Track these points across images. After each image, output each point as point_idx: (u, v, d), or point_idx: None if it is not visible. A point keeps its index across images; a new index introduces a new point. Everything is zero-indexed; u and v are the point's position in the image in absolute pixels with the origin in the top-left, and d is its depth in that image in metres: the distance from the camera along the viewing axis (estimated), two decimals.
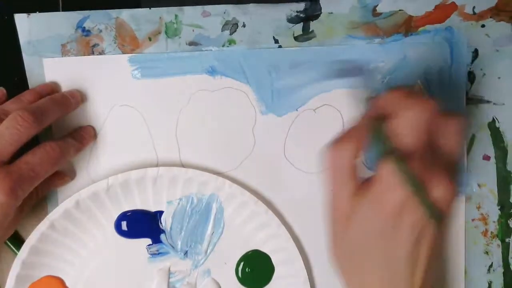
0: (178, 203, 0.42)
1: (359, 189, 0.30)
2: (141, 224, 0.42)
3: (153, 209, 0.42)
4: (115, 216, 0.42)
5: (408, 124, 0.29)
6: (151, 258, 0.42)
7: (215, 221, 0.42)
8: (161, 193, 0.42)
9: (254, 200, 0.40)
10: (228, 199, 0.41)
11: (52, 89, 0.40)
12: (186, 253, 0.42)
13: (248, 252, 0.42)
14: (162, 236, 0.42)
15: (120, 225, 0.42)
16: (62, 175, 0.41)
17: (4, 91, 0.39)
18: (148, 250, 0.42)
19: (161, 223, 0.42)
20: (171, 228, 0.42)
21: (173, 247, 0.42)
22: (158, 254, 0.42)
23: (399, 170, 0.28)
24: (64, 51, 0.41)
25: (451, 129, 0.31)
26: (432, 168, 0.28)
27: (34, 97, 0.39)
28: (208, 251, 0.42)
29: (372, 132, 0.30)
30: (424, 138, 0.29)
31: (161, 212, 0.42)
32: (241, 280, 0.42)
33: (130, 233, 0.42)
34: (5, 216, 0.35)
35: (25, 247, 0.39)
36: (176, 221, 0.42)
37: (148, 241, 0.42)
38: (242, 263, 0.42)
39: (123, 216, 0.42)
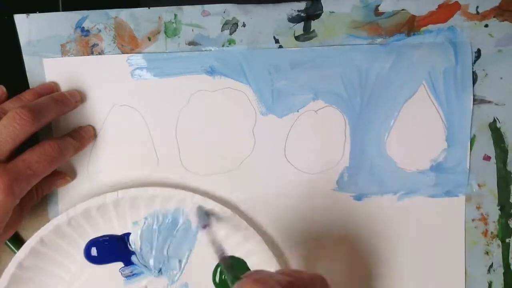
0: (144, 223, 0.41)
1: None
2: (110, 249, 0.42)
3: (119, 232, 0.42)
4: (83, 245, 0.41)
5: None
6: (126, 280, 0.42)
7: (184, 234, 0.42)
8: (125, 215, 0.41)
9: (219, 207, 0.40)
10: (193, 210, 0.41)
11: (52, 89, 0.40)
12: (160, 270, 0.42)
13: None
14: (133, 258, 0.42)
15: (90, 253, 0.41)
16: (62, 175, 0.41)
17: (4, 89, 0.39)
18: (121, 273, 0.42)
19: (130, 245, 0.42)
20: (141, 249, 0.42)
21: (146, 266, 0.42)
22: (133, 275, 0.42)
23: None
24: (64, 51, 0.41)
25: None
26: None
27: (34, 96, 0.39)
28: (182, 265, 0.42)
29: None
30: None
31: (128, 234, 0.42)
32: (219, 287, 0.42)
33: (100, 259, 0.42)
34: (3, 214, 0.35)
35: None
36: (145, 240, 0.42)
37: (121, 264, 0.42)
38: (218, 271, 0.42)
39: (91, 244, 0.41)
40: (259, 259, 0.40)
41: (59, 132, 0.41)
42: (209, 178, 0.42)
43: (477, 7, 0.40)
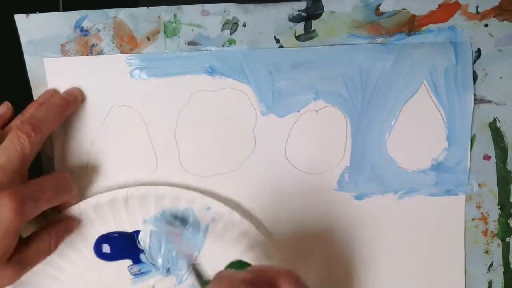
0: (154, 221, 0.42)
1: None
2: (119, 246, 0.42)
3: (129, 229, 0.42)
4: (92, 241, 0.41)
5: None
6: (134, 278, 0.42)
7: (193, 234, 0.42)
8: (135, 213, 0.41)
9: (229, 210, 0.40)
10: (202, 211, 0.41)
11: (52, 97, 0.40)
12: (168, 270, 0.42)
13: (231, 262, 0.42)
14: (142, 256, 0.42)
15: (99, 249, 0.41)
16: (71, 220, 0.41)
17: (9, 105, 0.40)
18: (130, 271, 0.42)
19: (139, 242, 0.42)
20: (150, 247, 0.42)
21: (154, 265, 0.42)
22: (141, 273, 0.42)
23: None
24: (64, 51, 0.41)
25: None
26: None
27: (36, 109, 0.39)
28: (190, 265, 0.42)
29: None
30: None
31: (138, 232, 0.42)
32: None
33: (110, 256, 0.42)
34: (11, 233, 0.34)
35: None
36: (154, 239, 0.42)
37: (129, 261, 0.42)
38: None
39: (101, 240, 0.41)
40: (263, 262, 0.40)
41: (58, 132, 0.41)
42: (209, 179, 0.42)
43: (477, 6, 0.40)
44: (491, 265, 0.42)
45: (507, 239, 0.42)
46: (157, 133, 0.41)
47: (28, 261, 0.37)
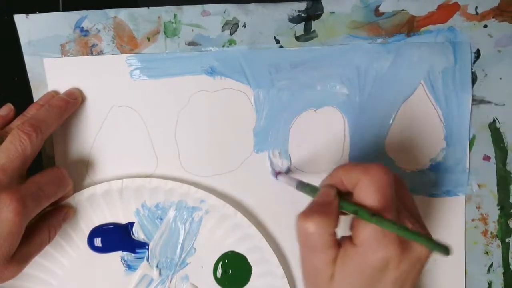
0: (148, 213, 0.42)
1: (339, 252, 0.31)
2: (113, 238, 0.42)
3: (123, 221, 0.42)
4: (87, 232, 0.42)
5: (370, 187, 0.31)
6: (127, 270, 0.42)
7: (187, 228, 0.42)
8: (130, 204, 0.41)
9: (222, 203, 0.40)
10: (196, 204, 0.41)
11: (53, 98, 0.40)
12: (161, 261, 0.42)
13: (224, 253, 0.42)
14: (136, 247, 0.42)
15: (93, 241, 0.42)
16: (66, 208, 0.41)
17: (12, 106, 0.40)
18: (123, 262, 0.42)
19: (133, 234, 0.42)
20: (143, 238, 0.42)
21: (147, 256, 0.42)
22: (134, 264, 0.42)
23: (381, 225, 0.29)
24: (64, 51, 0.41)
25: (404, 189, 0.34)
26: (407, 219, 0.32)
27: (37, 110, 0.39)
28: (184, 257, 0.42)
29: (340, 203, 0.32)
30: (390, 195, 0.31)
31: (132, 223, 0.42)
32: (220, 282, 0.42)
33: (103, 248, 0.42)
34: (14, 234, 0.34)
35: None
36: (148, 230, 0.42)
37: (122, 253, 0.42)
38: (219, 265, 0.42)
39: (95, 232, 0.42)
40: (260, 256, 0.41)
41: (58, 133, 0.41)
42: (209, 179, 0.42)
43: (476, 7, 0.40)
44: (491, 265, 0.42)
45: (507, 240, 0.42)
46: (157, 133, 0.41)
47: (29, 255, 0.37)
